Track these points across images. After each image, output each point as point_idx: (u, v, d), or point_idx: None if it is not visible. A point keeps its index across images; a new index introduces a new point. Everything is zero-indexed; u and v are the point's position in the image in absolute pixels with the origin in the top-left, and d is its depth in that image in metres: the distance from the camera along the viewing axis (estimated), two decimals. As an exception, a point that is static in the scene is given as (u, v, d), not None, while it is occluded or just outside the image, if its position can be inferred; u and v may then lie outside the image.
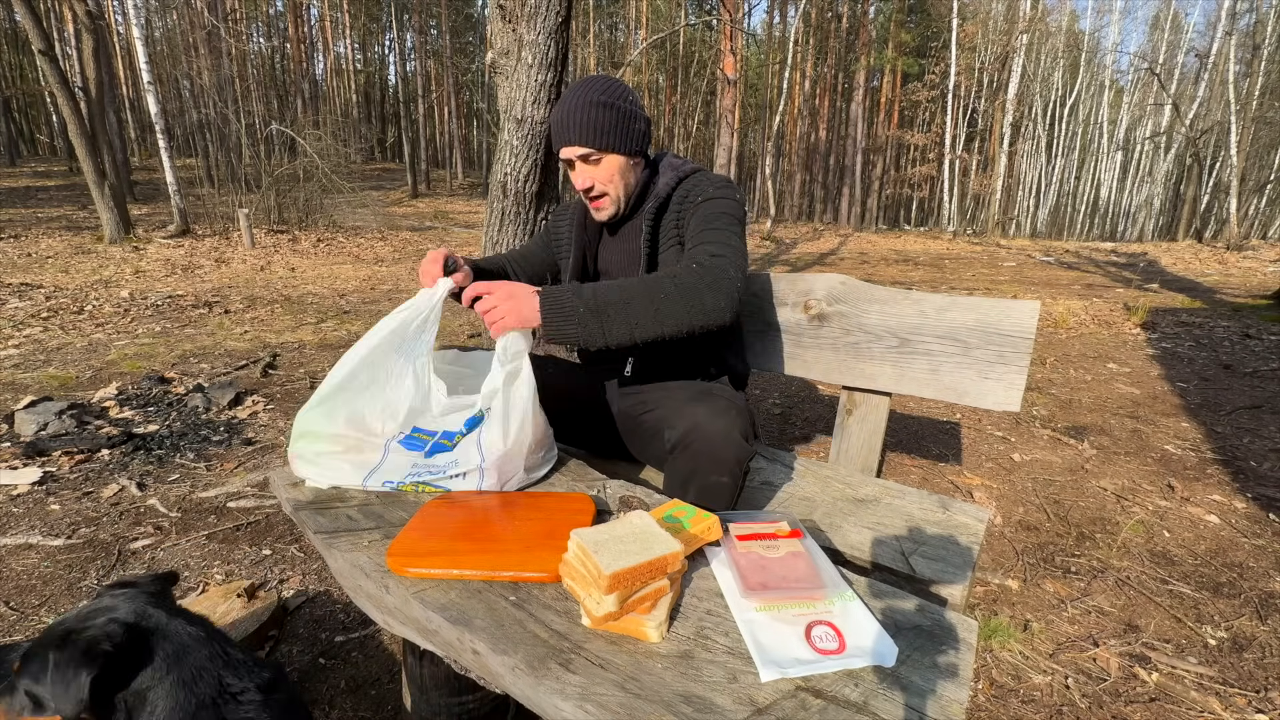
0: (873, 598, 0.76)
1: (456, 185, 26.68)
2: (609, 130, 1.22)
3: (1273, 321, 5.16)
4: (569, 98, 1.22)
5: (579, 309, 1.00)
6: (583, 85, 1.23)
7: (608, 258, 1.40)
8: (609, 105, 1.21)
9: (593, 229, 1.41)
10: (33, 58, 15.40)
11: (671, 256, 1.28)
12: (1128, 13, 25.06)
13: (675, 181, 1.29)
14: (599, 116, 1.20)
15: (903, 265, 10.12)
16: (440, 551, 0.81)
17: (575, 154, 1.23)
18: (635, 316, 1.02)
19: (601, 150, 1.23)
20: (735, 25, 13.70)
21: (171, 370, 3.53)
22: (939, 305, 1.35)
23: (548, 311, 1.00)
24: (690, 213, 1.24)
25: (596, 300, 1.01)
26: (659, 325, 1.04)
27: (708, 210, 1.22)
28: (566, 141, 1.23)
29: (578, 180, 1.27)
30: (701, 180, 1.28)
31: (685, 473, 1.04)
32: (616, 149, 1.24)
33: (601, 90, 1.21)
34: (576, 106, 1.20)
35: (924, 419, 3.05)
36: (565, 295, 1.01)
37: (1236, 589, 1.72)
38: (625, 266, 1.37)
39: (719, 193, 1.24)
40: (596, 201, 1.29)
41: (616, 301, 1.02)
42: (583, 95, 1.21)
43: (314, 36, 30.17)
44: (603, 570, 0.66)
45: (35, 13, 8.28)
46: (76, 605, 1.32)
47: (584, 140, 1.21)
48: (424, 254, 9.91)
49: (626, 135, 1.24)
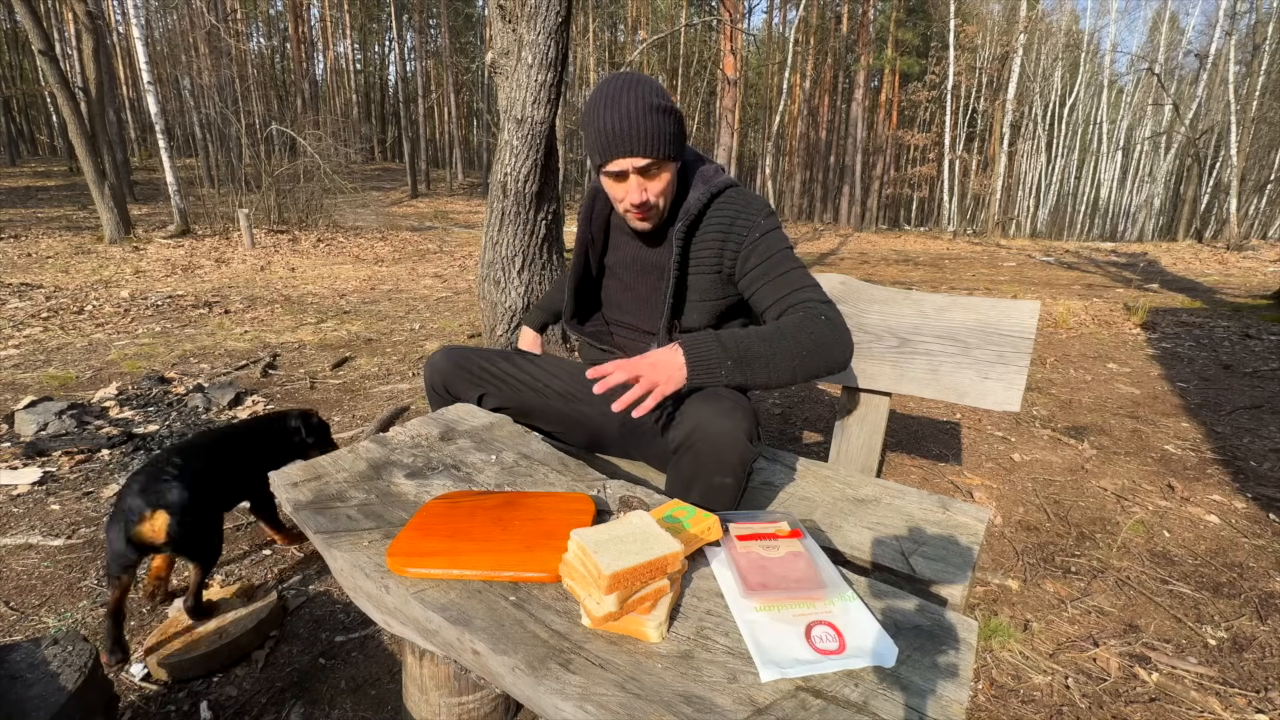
0: (873, 598, 0.76)
1: (456, 185, 26.68)
2: (673, 138, 1.11)
3: (1273, 321, 5.16)
4: (621, 102, 1.07)
5: (725, 362, 0.99)
6: (632, 87, 1.08)
7: (619, 257, 1.33)
8: (669, 111, 1.09)
9: (599, 225, 1.33)
10: (33, 58, 15.41)
11: (702, 283, 1.23)
12: (1127, 13, 25.05)
13: (707, 198, 1.19)
14: (662, 123, 1.08)
15: (903, 265, 10.11)
16: (440, 551, 0.81)
17: (635, 165, 1.10)
18: (776, 369, 1.02)
19: (664, 160, 1.12)
20: (735, 25, 13.70)
21: (171, 370, 3.53)
22: (939, 305, 1.35)
23: (694, 366, 0.98)
24: (744, 249, 1.18)
25: (741, 352, 1.00)
26: (793, 375, 1.04)
27: (768, 249, 1.17)
28: (627, 152, 1.08)
29: (631, 194, 1.13)
30: (742, 206, 1.19)
31: (689, 473, 1.03)
32: (676, 157, 1.14)
33: (656, 92, 1.09)
34: (638, 113, 1.06)
35: (924, 419, 3.05)
36: (710, 348, 0.99)
37: (1236, 589, 1.72)
38: (639, 272, 1.30)
39: (768, 224, 1.18)
40: (644, 213, 1.17)
41: (762, 355, 1.01)
42: (641, 99, 1.07)
43: (314, 36, 30.16)
44: (602, 570, 0.66)
45: (35, 13, 8.28)
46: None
47: (649, 151, 1.08)
48: (424, 254, 9.81)
49: (682, 142, 1.15)
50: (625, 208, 1.18)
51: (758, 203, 1.21)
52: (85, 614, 1.52)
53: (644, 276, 1.30)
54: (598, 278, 1.38)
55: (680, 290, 1.24)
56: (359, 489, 1.00)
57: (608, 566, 0.67)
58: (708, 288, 1.23)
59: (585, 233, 1.32)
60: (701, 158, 1.28)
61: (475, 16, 31.33)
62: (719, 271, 1.22)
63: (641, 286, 1.31)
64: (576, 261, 1.34)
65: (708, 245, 1.21)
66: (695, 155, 1.27)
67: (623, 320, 1.36)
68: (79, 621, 1.49)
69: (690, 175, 1.23)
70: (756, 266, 1.17)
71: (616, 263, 1.34)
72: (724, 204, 1.20)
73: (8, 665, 0.90)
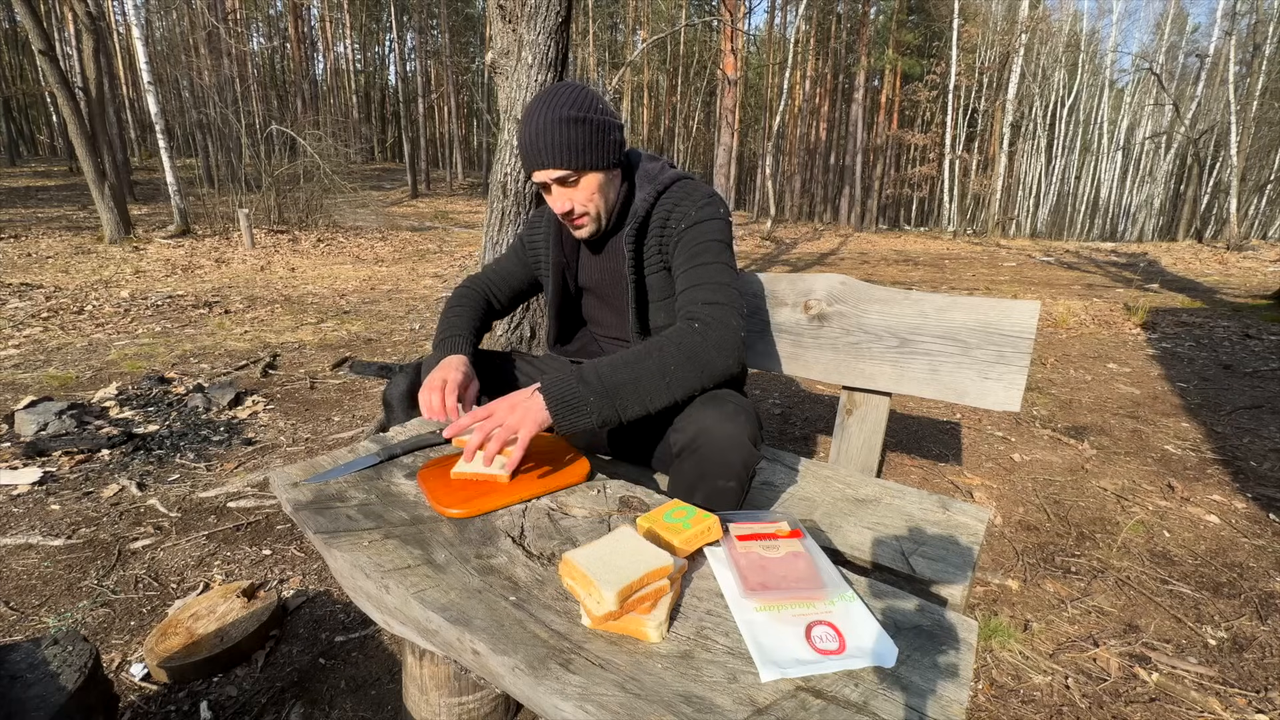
0: (873, 598, 0.76)
1: (456, 185, 26.68)
2: (585, 148, 1.11)
3: (1273, 321, 5.16)
4: (535, 116, 1.10)
5: (589, 398, 0.94)
6: (547, 100, 1.11)
7: (590, 275, 1.34)
8: (581, 120, 1.10)
9: (570, 245, 1.34)
10: (33, 58, 15.41)
11: (658, 281, 1.23)
12: (1129, 14, 25.06)
13: (654, 197, 1.20)
14: (572, 134, 1.10)
15: (903, 265, 10.11)
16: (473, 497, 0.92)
17: (550, 177, 1.13)
18: (647, 392, 0.98)
19: (579, 170, 1.13)
20: (735, 25, 13.70)
21: (171, 370, 3.53)
22: (939, 305, 1.35)
23: (556, 408, 0.93)
24: (674, 239, 1.18)
25: (604, 384, 0.95)
26: (671, 394, 1.00)
27: (693, 239, 1.15)
28: (539, 165, 1.12)
29: (555, 204, 1.17)
30: (681, 197, 1.19)
31: (692, 477, 1.03)
32: (594, 166, 1.14)
33: (570, 104, 1.10)
34: (545, 126, 1.09)
35: (924, 419, 3.05)
36: (570, 386, 0.94)
37: (1236, 589, 1.72)
38: (610, 285, 1.31)
39: (701, 214, 1.17)
40: (577, 221, 1.20)
41: (627, 381, 0.97)
42: (550, 112, 1.09)
43: (314, 36, 30.18)
44: (604, 594, 0.67)
45: (35, 13, 8.28)
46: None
47: (558, 162, 1.11)
48: (424, 254, 9.80)
49: (603, 150, 1.14)
50: (561, 220, 1.21)
51: (698, 193, 1.20)
52: (85, 614, 1.52)
53: (614, 287, 1.31)
54: (577, 297, 1.40)
55: (641, 293, 1.25)
56: (359, 489, 1.00)
57: (609, 588, 0.67)
58: (662, 285, 1.24)
59: (559, 256, 1.33)
60: (654, 157, 1.28)
61: (475, 16, 31.33)
62: (665, 267, 1.22)
63: (614, 298, 1.33)
64: (554, 285, 1.34)
65: (653, 242, 1.22)
66: (645, 156, 1.28)
67: (606, 334, 1.40)
68: (79, 621, 1.49)
69: (638, 178, 1.24)
70: (679, 259, 1.17)
71: (588, 280, 1.35)
72: (666, 199, 1.21)
73: (8, 665, 0.90)
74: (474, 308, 1.39)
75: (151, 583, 1.65)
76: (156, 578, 1.67)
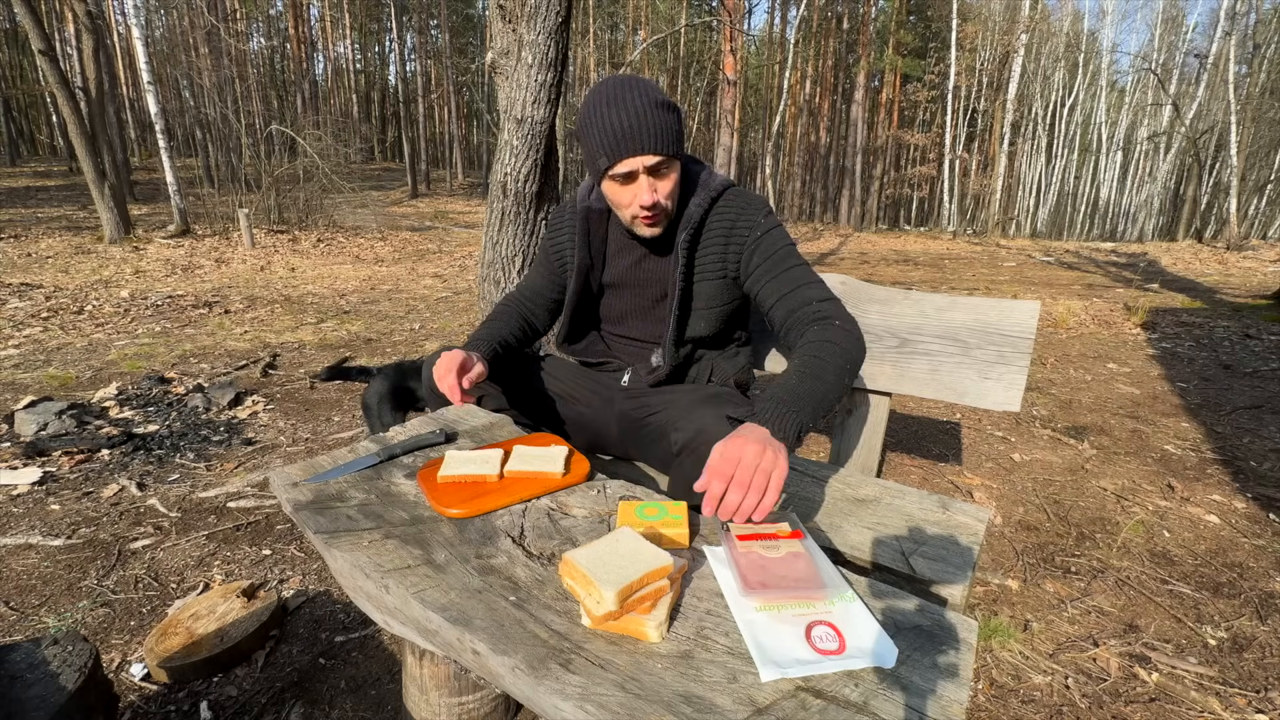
0: (873, 598, 0.76)
1: (456, 185, 26.68)
2: (679, 136, 1.10)
3: (1273, 321, 5.16)
4: (628, 100, 1.06)
5: (808, 424, 0.95)
6: (633, 86, 1.08)
7: (617, 273, 1.29)
8: (674, 107, 1.08)
9: (597, 245, 1.29)
10: (33, 58, 15.40)
11: (706, 290, 1.22)
12: (1129, 14, 25.05)
13: (708, 203, 1.19)
14: (670, 120, 1.07)
15: (903, 265, 10.11)
16: (482, 494, 0.92)
17: (646, 164, 1.08)
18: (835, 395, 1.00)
19: (674, 157, 1.10)
20: (735, 26, 13.70)
21: (171, 370, 3.53)
22: (939, 305, 1.35)
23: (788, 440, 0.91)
24: (746, 249, 1.18)
25: (815, 406, 0.96)
26: (844, 390, 1.03)
27: (770, 247, 1.16)
28: (638, 150, 1.06)
29: (641, 195, 1.10)
30: (743, 206, 1.19)
31: (693, 476, 1.03)
32: (681, 155, 1.13)
33: (657, 90, 1.09)
34: (644, 109, 1.05)
35: (924, 419, 3.05)
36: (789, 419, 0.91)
37: (1236, 589, 1.72)
38: (641, 288, 1.28)
39: (769, 222, 1.18)
40: (654, 215, 1.14)
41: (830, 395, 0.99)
42: (645, 95, 1.06)
43: (314, 36, 30.17)
44: (604, 594, 0.67)
45: (35, 13, 8.28)
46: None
47: (659, 147, 1.06)
48: (424, 254, 9.81)
49: (684, 140, 1.13)
50: (634, 213, 1.13)
51: (757, 202, 1.21)
52: (85, 614, 1.52)
53: (646, 289, 1.28)
54: (597, 296, 1.36)
55: (686, 300, 1.23)
56: (359, 489, 1.00)
57: (609, 588, 0.67)
58: (714, 294, 1.23)
59: (584, 258, 1.28)
60: (698, 161, 1.27)
61: (475, 17, 31.34)
62: (724, 276, 1.22)
63: (643, 299, 1.30)
64: (576, 284, 1.31)
65: (711, 250, 1.20)
66: (690, 159, 1.26)
67: (623, 334, 1.36)
68: (79, 621, 1.49)
69: (689, 181, 1.21)
70: (760, 265, 1.17)
71: (616, 278, 1.31)
72: (724, 207, 1.20)
73: (8, 665, 0.90)
74: (503, 321, 1.36)
75: (151, 583, 1.65)
76: (156, 578, 1.67)
